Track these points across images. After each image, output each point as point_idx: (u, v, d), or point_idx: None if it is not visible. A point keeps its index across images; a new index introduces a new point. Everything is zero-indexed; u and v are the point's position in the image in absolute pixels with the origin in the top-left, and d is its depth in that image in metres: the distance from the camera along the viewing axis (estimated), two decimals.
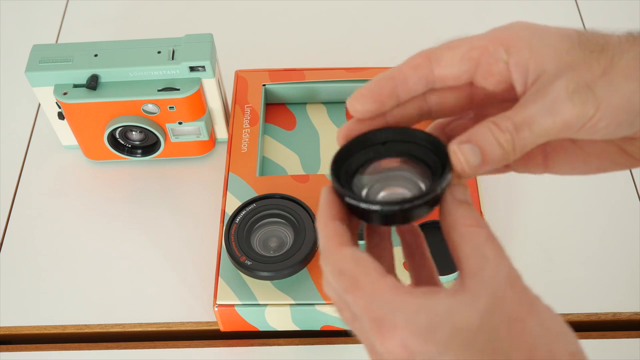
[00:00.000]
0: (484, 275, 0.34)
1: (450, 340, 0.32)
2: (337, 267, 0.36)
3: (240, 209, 0.60)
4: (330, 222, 0.37)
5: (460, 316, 0.33)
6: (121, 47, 0.66)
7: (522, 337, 0.33)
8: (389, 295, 0.34)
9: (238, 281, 0.59)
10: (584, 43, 0.37)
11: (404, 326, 0.33)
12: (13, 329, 0.64)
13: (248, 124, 0.69)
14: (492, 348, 0.32)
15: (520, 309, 0.34)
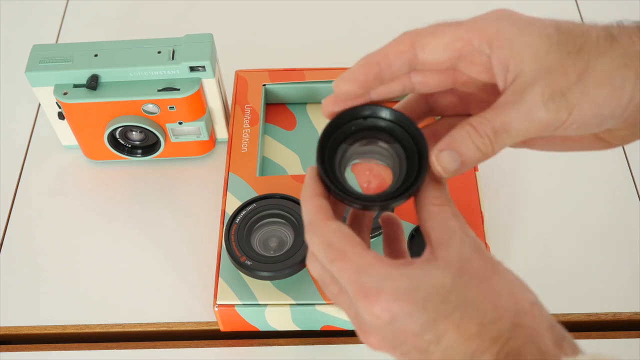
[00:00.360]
0: (452, 244, 0.38)
1: (428, 298, 0.36)
2: (325, 238, 0.39)
3: (240, 209, 0.60)
4: (316, 198, 0.40)
5: (434, 278, 0.37)
6: (121, 47, 0.66)
7: (488, 291, 0.37)
8: (374, 266, 0.38)
9: (238, 281, 0.59)
10: (563, 43, 0.39)
11: (388, 292, 0.36)
12: (13, 329, 0.64)
13: (248, 124, 0.69)
14: (464, 301, 0.36)
15: (486, 270, 0.38)
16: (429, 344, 0.36)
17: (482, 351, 0.35)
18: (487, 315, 0.36)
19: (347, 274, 0.38)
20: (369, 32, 0.85)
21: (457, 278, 0.37)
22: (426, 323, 0.36)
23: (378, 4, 0.88)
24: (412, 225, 0.61)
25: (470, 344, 0.36)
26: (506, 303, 0.37)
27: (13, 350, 0.63)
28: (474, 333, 0.36)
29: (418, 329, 0.36)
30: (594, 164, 0.73)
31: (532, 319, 0.37)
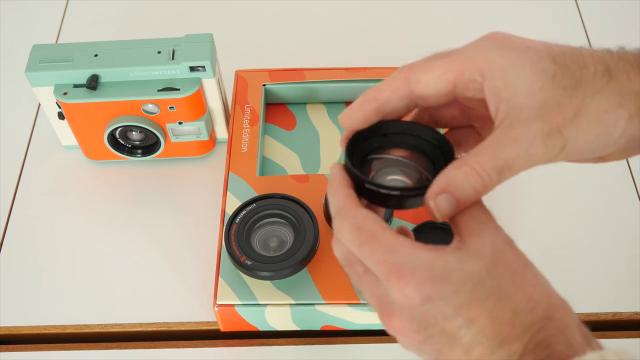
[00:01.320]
0: (484, 235, 0.39)
1: (464, 282, 0.37)
2: (355, 222, 0.39)
3: (240, 209, 0.60)
4: (344, 187, 0.41)
5: (469, 264, 0.37)
6: (121, 47, 0.66)
7: (522, 283, 0.38)
8: (406, 247, 0.38)
9: (238, 281, 0.59)
10: (559, 78, 0.39)
11: (422, 272, 0.37)
12: (13, 329, 0.64)
13: (248, 124, 0.69)
14: (498, 289, 0.37)
15: (519, 264, 0.39)
16: (460, 328, 0.37)
17: (513, 338, 0.36)
18: (521, 304, 0.37)
19: (377, 255, 0.38)
20: (369, 32, 0.85)
21: (492, 267, 0.37)
22: (460, 306, 0.36)
23: (378, 4, 0.88)
24: (412, 225, 0.61)
25: (501, 330, 0.36)
26: (539, 296, 0.38)
27: (13, 350, 0.63)
28: (506, 320, 0.36)
29: (450, 312, 0.37)
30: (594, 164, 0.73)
31: (563, 314, 0.37)
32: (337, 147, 0.71)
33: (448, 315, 0.37)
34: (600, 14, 0.87)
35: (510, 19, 0.87)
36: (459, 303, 0.37)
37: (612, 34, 0.85)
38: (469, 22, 0.85)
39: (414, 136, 0.44)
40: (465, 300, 0.37)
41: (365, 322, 0.59)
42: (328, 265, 0.60)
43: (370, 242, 0.39)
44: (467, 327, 0.37)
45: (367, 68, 0.72)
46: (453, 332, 0.37)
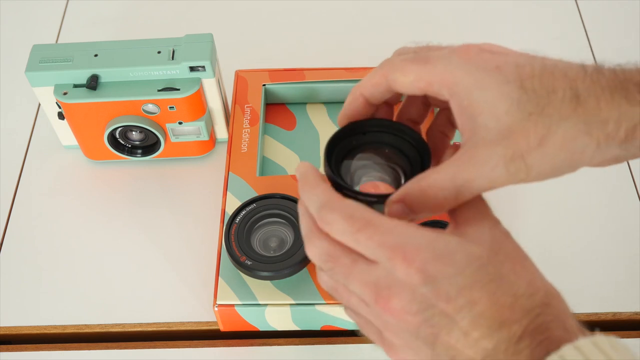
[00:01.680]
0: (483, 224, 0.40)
1: (467, 264, 0.37)
2: (346, 212, 0.39)
3: (240, 208, 0.60)
4: (322, 182, 0.42)
5: (471, 248, 0.38)
6: (121, 47, 0.66)
7: (522, 271, 0.39)
8: (406, 228, 0.38)
9: (238, 281, 0.59)
10: (524, 103, 0.39)
11: (427, 251, 0.37)
12: (13, 329, 0.64)
13: (248, 124, 0.69)
14: (499, 274, 0.37)
15: (517, 254, 0.40)
16: (461, 310, 0.37)
17: (513, 322, 0.36)
18: (521, 289, 0.37)
19: (376, 238, 0.38)
20: (369, 32, 0.85)
21: (492, 254, 0.38)
22: (463, 288, 0.37)
23: (378, 4, 0.88)
24: None
25: (502, 313, 0.36)
26: (539, 283, 0.39)
27: (13, 350, 0.63)
28: (507, 303, 0.37)
29: (453, 292, 0.37)
30: None
31: (560, 302, 0.38)
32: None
33: (451, 296, 0.37)
34: (600, 14, 0.87)
35: (510, 19, 0.87)
36: (462, 284, 0.37)
37: (612, 34, 0.85)
38: (469, 22, 0.85)
39: (392, 134, 0.45)
40: (468, 282, 0.37)
41: None
42: None
43: (366, 227, 0.39)
44: (468, 309, 0.37)
45: (367, 68, 0.72)
46: (453, 313, 0.37)
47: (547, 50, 0.90)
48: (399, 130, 0.45)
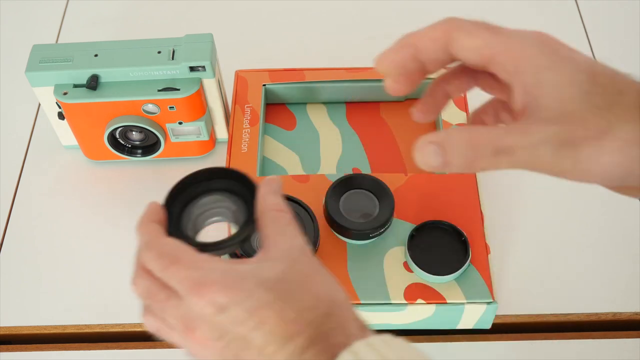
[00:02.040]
0: (284, 246, 0.43)
1: (255, 288, 0.40)
2: (159, 251, 0.43)
3: None
4: (151, 223, 0.46)
5: (263, 272, 0.41)
6: (121, 47, 0.66)
7: (309, 285, 0.42)
8: (206, 262, 0.42)
9: None
10: (592, 94, 0.38)
11: (218, 282, 0.40)
12: (13, 329, 0.64)
13: (248, 124, 0.69)
14: (286, 292, 0.41)
15: (310, 270, 0.43)
16: (252, 330, 0.40)
17: (297, 334, 0.39)
18: (305, 303, 0.40)
19: (180, 274, 0.42)
20: (369, 32, 0.85)
21: (284, 275, 0.41)
22: (251, 309, 0.40)
23: (378, 4, 0.88)
24: (412, 225, 0.61)
25: (288, 328, 0.40)
26: (323, 296, 0.41)
27: (13, 350, 0.63)
28: (292, 318, 0.40)
29: (243, 315, 0.40)
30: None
31: (341, 311, 0.41)
32: (337, 147, 0.71)
33: (242, 319, 0.40)
34: (600, 14, 0.87)
35: (510, 19, 0.86)
36: (250, 306, 0.40)
37: (612, 34, 0.85)
38: None
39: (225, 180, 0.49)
40: (255, 304, 0.40)
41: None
42: (328, 265, 0.59)
43: (173, 264, 0.42)
44: (259, 329, 0.40)
45: (367, 68, 0.72)
46: (247, 334, 0.40)
47: None
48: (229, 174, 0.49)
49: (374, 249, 0.60)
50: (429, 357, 0.40)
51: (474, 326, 0.61)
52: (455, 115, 0.69)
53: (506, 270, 0.65)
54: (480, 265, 0.59)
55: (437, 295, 0.58)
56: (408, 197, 0.63)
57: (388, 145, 0.70)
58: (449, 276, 0.58)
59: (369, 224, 0.59)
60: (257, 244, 0.57)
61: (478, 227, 0.61)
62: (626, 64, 0.87)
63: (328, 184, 0.62)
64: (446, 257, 0.59)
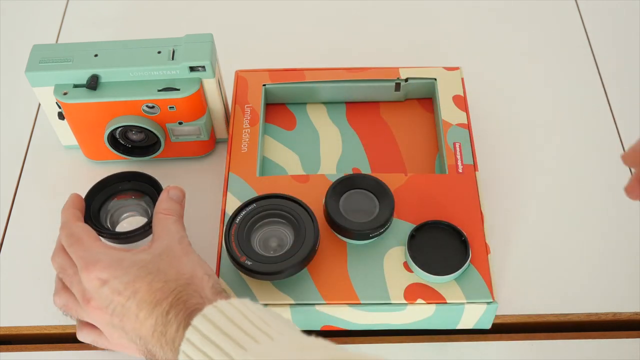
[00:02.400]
0: (164, 240, 0.55)
1: (131, 266, 0.52)
2: (70, 231, 0.56)
3: (240, 209, 0.60)
4: (72, 208, 0.60)
5: (139, 256, 0.53)
6: (121, 47, 0.66)
7: (176, 264, 0.53)
8: (100, 247, 0.54)
9: (238, 281, 0.59)
10: None
11: (103, 261, 0.52)
12: (13, 329, 0.64)
13: (248, 124, 0.69)
14: (157, 269, 0.52)
15: (180, 254, 0.54)
16: (128, 298, 0.51)
17: (163, 299, 0.50)
18: (170, 276, 0.51)
19: (79, 253, 0.54)
20: (369, 32, 0.85)
21: (157, 256, 0.53)
22: (127, 282, 0.51)
23: (378, 4, 0.88)
24: (412, 225, 0.61)
25: (155, 294, 0.50)
26: (185, 271, 0.52)
27: (13, 350, 0.63)
28: (159, 287, 0.51)
29: (121, 287, 0.51)
30: (594, 164, 0.73)
31: (200, 281, 0.52)
32: (337, 147, 0.71)
33: (120, 290, 0.51)
34: (600, 14, 0.87)
35: (510, 19, 0.87)
36: (127, 280, 0.51)
37: (612, 34, 0.85)
38: (469, 23, 0.86)
39: (141, 182, 0.64)
40: (131, 278, 0.51)
41: (365, 322, 0.60)
42: (328, 265, 0.60)
43: (76, 243, 0.55)
44: (133, 297, 0.51)
45: (367, 68, 0.72)
46: (125, 303, 0.51)
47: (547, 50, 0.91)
48: (144, 178, 0.64)
49: (374, 249, 0.60)
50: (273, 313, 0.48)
51: (474, 326, 0.61)
52: (456, 115, 0.69)
53: (506, 270, 0.65)
54: (480, 265, 0.59)
55: (437, 295, 0.58)
56: (408, 197, 0.63)
57: (388, 145, 0.70)
58: (449, 276, 0.58)
59: (369, 224, 0.59)
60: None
61: (478, 227, 0.61)
62: (626, 64, 0.87)
63: (328, 184, 0.62)
64: (446, 257, 0.59)
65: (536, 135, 0.75)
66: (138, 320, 0.50)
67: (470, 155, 0.66)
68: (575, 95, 0.79)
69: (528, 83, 0.80)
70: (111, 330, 0.53)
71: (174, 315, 0.49)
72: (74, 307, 0.56)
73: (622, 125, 0.76)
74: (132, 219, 0.65)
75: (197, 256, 0.55)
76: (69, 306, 0.56)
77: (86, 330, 0.57)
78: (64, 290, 0.57)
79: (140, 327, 0.50)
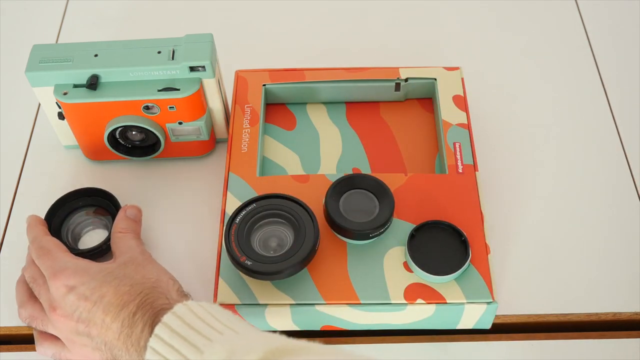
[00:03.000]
0: (126, 252, 0.58)
1: (98, 273, 0.54)
2: (40, 244, 0.59)
3: (240, 209, 0.60)
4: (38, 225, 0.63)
5: (105, 265, 0.56)
6: (121, 47, 0.66)
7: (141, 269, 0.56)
8: (67, 257, 0.57)
9: (238, 281, 0.59)
10: None
11: (69, 269, 0.55)
12: (13, 329, 0.64)
13: (248, 124, 0.69)
14: (122, 274, 0.54)
15: (145, 263, 0.57)
16: (95, 303, 0.52)
17: (130, 301, 0.52)
18: (136, 280, 0.54)
19: (47, 263, 0.56)
20: (369, 32, 0.85)
21: (122, 264, 0.56)
22: (94, 288, 0.53)
23: (378, 4, 0.88)
24: (412, 225, 0.61)
25: (122, 297, 0.52)
26: (151, 276, 0.55)
27: (13, 350, 0.63)
28: (126, 290, 0.53)
29: (88, 292, 0.53)
30: (594, 164, 0.73)
31: (166, 284, 0.55)
32: (337, 147, 0.71)
33: (87, 295, 0.53)
34: (600, 14, 0.87)
35: (510, 19, 0.87)
36: (93, 285, 0.53)
37: (612, 34, 0.85)
38: (468, 22, 0.85)
39: (100, 198, 0.68)
40: (98, 283, 0.53)
41: (365, 322, 0.60)
42: (328, 265, 0.60)
43: (45, 255, 0.57)
44: (100, 302, 0.52)
45: (367, 68, 0.72)
46: (91, 308, 0.52)
47: (547, 50, 0.90)
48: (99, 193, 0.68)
49: (374, 249, 0.60)
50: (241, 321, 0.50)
51: (474, 326, 0.61)
52: (456, 115, 0.69)
53: (506, 270, 0.65)
54: (480, 265, 0.59)
55: (437, 295, 0.58)
56: (408, 197, 0.63)
57: (388, 145, 0.70)
58: (449, 276, 0.58)
59: (369, 224, 0.59)
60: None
61: (478, 227, 0.61)
62: (626, 64, 0.87)
63: (328, 184, 0.62)
64: (446, 257, 0.59)
65: (536, 135, 0.75)
66: (104, 325, 0.52)
67: (470, 155, 0.66)
68: (575, 95, 0.79)
69: (528, 83, 0.80)
70: (75, 338, 0.54)
71: (141, 316, 0.51)
72: (39, 317, 0.57)
73: (622, 125, 0.76)
74: (93, 232, 0.68)
75: (160, 265, 0.58)
76: (34, 316, 0.58)
77: (47, 343, 0.58)
78: (30, 302, 0.59)
79: (106, 331, 0.52)
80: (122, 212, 0.63)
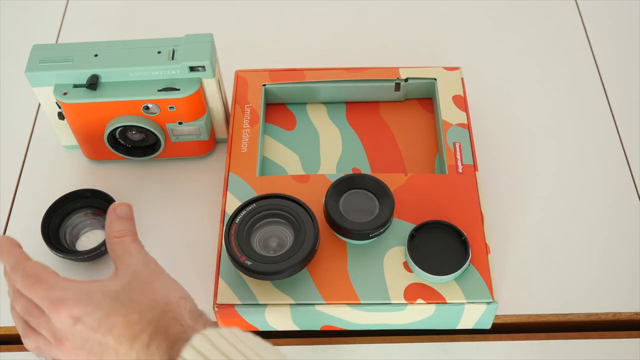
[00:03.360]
0: (129, 264, 0.52)
1: (102, 300, 0.49)
2: (24, 272, 0.51)
3: (240, 209, 0.60)
4: (14, 248, 0.54)
5: (108, 286, 0.50)
6: (121, 47, 0.66)
7: (148, 291, 0.50)
8: (63, 282, 0.50)
9: (238, 281, 0.59)
10: None
11: (71, 298, 0.49)
12: (13, 329, 0.64)
13: (248, 124, 0.69)
14: (129, 299, 0.49)
15: (150, 278, 0.52)
16: (105, 335, 0.48)
17: (141, 331, 0.48)
18: (144, 306, 0.49)
19: (41, 293, 0.50)
20: (369, 32, 0.85)
21: (127, 284, 0.50)
22: (101, 318, 0.48)
23: (378, 4, 0.88)
24: (412, 225, 0.61)
25: (133, 328, 0.48)
26: (159, 298, 0.50)
27: (13, 350, 0.63)
28: (135, 320, 0.48)
29: (95, 324, 0.48)
30: (594, 164, 0.73)
31: (177, 307, 0.50)
32: (337, 147, 0.71)
33: (95, 327, 0.48)
34: (600, 14, 0.87)
35: (510, 19, 0.87)
36: (100, 316, 0.48)
37: (612, 34, 0.85)
38: (468, 22, 0.85)
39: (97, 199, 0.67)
40: (104, 313, 0.48)
41: (365, 322, 0.60)
42: (328, 265, 0.60)
43: (36, 283, 0.50)
44: (110, 333, 0.48)
45: (367, 68, 0.72)
46: (102, 339, 0.48)
47: (547, 50, 0.90)
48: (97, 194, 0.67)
49: (374, 249, 0.60)
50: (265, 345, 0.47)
51: (474, 326, 0.61)
52: (456, 115, 0.69)
53: (506, 270, 0.65)
54: (480, 265, 0.59)
55: (437, 295, 0.58)
56: (408, 197, 0.63)
57: (388, 145, 0.70)
58: (449, 276, 0.58)
59: (369, 224, 0.59)
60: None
61: (478, 227, 0.61)
62: (626, 64, 0.87)
63: (328, 184, 0.62)
64: (446, 257, 0.59)
65: (536, 135, 0.75)
66: (119, 356, 0.48)
67: (470, 155, 0.66)
68: (575, 95, 0.79)
69: (528, 83, 0.80)
70: None
71: (156, 348, 0.47)
72: (46, 349, 0.52)
73: (622, 125, 0.76)
74: (91, 233, 0.67)
75: (167, 276, 0.53)
76: (42, 348, 0.53)
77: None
78: (33, 333, 0.53)
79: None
80: (113, 213, 0.57)
